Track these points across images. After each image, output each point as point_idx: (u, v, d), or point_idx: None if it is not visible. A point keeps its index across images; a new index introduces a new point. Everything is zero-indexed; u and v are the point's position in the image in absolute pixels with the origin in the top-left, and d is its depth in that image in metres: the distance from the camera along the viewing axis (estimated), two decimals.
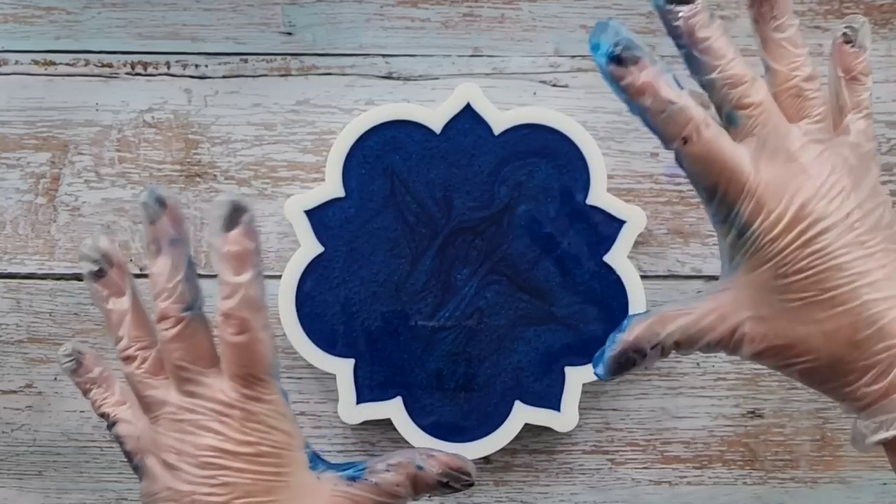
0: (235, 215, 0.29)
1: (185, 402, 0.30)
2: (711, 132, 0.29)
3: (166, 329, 0.30)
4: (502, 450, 0.45)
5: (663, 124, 0.29)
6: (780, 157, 0.29)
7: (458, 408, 0.44)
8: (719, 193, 0.29)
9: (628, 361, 0.30)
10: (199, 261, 0.46)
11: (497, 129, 0.44)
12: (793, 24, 0.30)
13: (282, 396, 0.31)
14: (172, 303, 0.30)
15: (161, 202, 0.30)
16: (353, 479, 0.32)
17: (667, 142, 0.29)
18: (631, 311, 0.44)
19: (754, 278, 0.29)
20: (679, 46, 0.30)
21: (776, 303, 0.29)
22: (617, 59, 0.29)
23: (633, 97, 0.29)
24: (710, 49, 0.29)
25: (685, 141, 0.29)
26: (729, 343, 0.29)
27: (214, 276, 0.46)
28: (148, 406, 0.31)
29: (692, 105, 0.29)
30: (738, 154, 0.29)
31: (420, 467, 0.32)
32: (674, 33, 0.29)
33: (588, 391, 0.46)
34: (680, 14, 0.29)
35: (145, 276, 0.46)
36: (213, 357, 0.31)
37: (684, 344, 0.30)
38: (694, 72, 0.30)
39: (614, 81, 0.29)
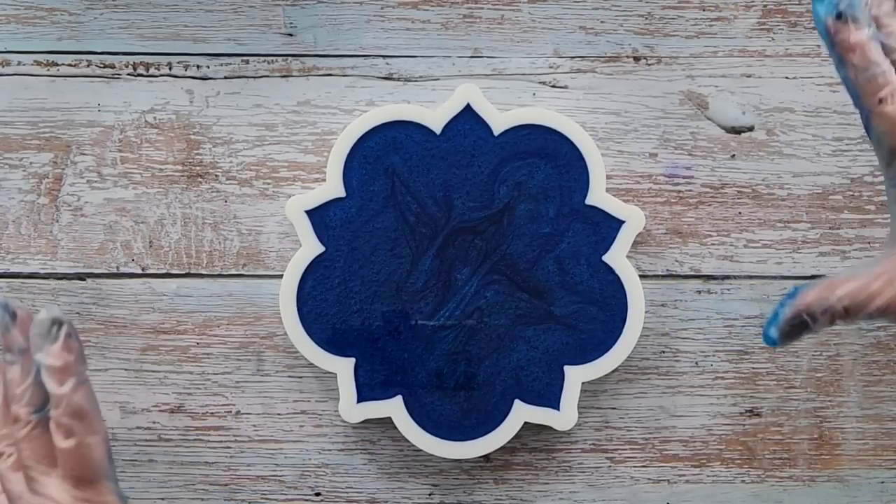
0: (55, 330, 0.32)
1: (32, 499, 0.33)
2: None
3: (19, 430, 0.33)
4: (502, 448, 0.45)
5: (865, 82, 0.31)
6: None
7: (458, 406, 0.44)
8: None
9: (801, 325, 0.31)
10: (200, 260, 0.46)
11: (497, 129, 0.44)
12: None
13: (117, 498, 0.33)
14: (23, 406, 0.33)
15: (12, 314, 0.33)
16: None
17: (864, 98, 0.31)
18: (630, 311, 0.44)
19: None
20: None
21: None
22: (838, 15, 0.31)
23: (843, 52, 0.31)
24: (894, 33, 0.32)
25: (880, 101, 0.30)
26: None
27: (215, 276, 0.46)
28: (9, 497, 0.34)
29: (893, 71, 0.31)
30: None
31: None
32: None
33: (587, 390, 0.46)
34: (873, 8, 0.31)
35: (146, 275, 0.46)
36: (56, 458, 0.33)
37: (853, 309, 0.30)
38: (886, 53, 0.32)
39: (828, 35, 0.31)
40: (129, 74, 0.46)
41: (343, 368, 0.44)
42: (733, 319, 0.46)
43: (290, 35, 0.46)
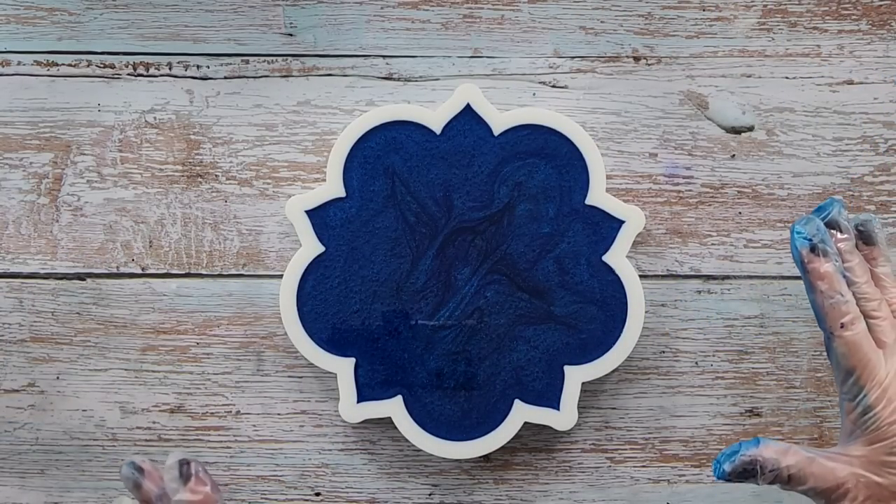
0: (185, 469, 0.35)
1: None
2: (862, 327, 0.36)
3: None
4: (502, 448, 0.45)
5: (829, 309, 0.35)
6: None
7: (458, 406, 0.44)
8: (854, 376, 0.35)
9: (751, 472, 0.35)
10: (200, 260, 0.46)
11: (497, 129, 0.44)
12: (885, 265, 0.38)
13: None
14: None
15: (139, 469, 0.36)
16: None
17: (827, 322, 0.36)
18: (630, 311, 0.44)
19: (869, 451, 0.35)
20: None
21: (884, 474, 0.35)
22: (812, 248, 0.36)
23: (813, 279, 0.36)
24: (852, 269, 0.37)
25: (842, 326, 0.35)
26: (832, 495, 0.35)
27: (215, 276, 0.46)
28: None
29: (853, 302, 0.36)
30: (876, 351, 0.36)
31: None
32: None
33: (587, 390, 0.46)
34: (838, 243, 0.37)
35: (146, 275, 0.46)
36: None
37: (794, 480, 0.35)
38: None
39: (802, 263, 0.36)
40: (129, 74, 0.46)
41: (343, 368, 0.44)
42: (733, 319, 0.46)
43: (290, 35, 0.46)
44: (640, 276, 0.44)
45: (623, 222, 0.44)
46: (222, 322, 0.46)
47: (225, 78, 0.46)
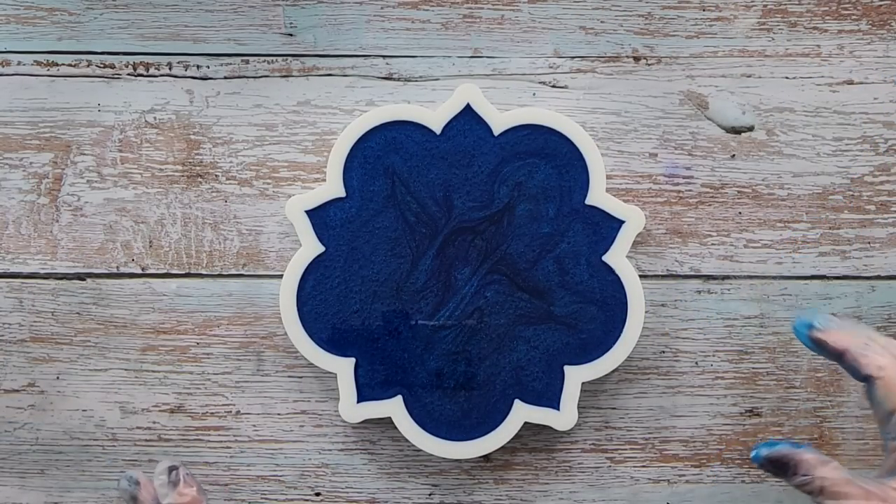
0: (174, 475, 0.38)
1: None
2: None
3: None
4: (502, 448, 0.45)
5: (862, 357, 0.35)
6: None
7: (458, 406, 0.44)
8: None
9: (784, 467, 0.35)
10: (200, 260, 0.46)
11: (497, 129, 0.44)
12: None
13: None
14: None
15: (135, 482, 0.38)
16: None
17: (862, 371, 0.35)
18: (630, 311, 0.44)
19: None
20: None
21: None
22: (816, 330, 0.36)
23: (835, 346, 0.36)
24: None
25: (880, 367, 0.35)
26: None
27: (215, 276, 0.46)
28: None
29: (880, 345, 0.36)
30: None
31: None
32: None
33: (587, 390, 0.46)
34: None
35: (146, 275, 0.46)
36: None
37: (827, 494, 0.34)
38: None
39: (819, 345, 0.36)
40: (129, 74, 0.46)
41: (343, 368, 0.44)
42: (733, 319, 0.46)
43: (290, 35, 0.46)
44: (640, 276, 0.44)
45: (623, 222, 0.44)
46: (222, 322, 0.46)
47: (225, 78, 0.46)
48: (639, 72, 0.46)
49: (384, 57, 0.46)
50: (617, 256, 0.44)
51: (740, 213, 0.46)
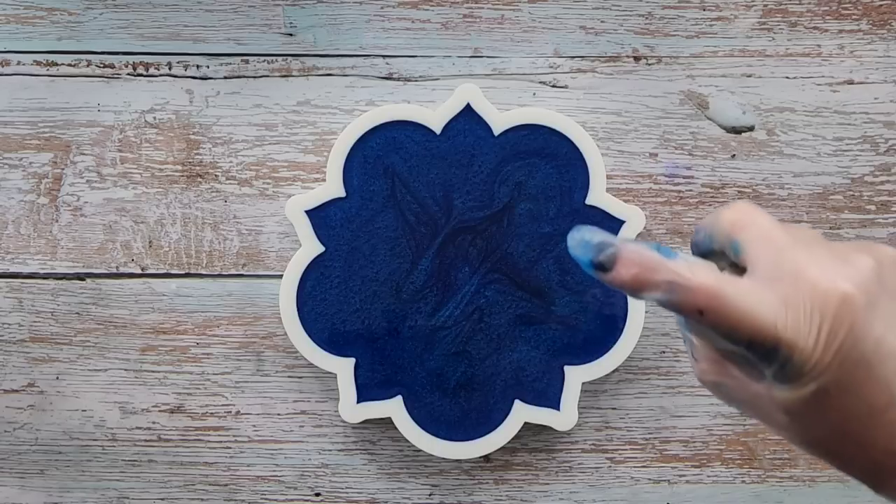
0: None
1: None
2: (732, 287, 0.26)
3: None
4: (502, 448, 0.45)
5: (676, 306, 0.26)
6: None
7: (458, 406, 0.44)
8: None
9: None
10: (200, 260, 0.46)
11: (497, 129, 0.44)
12: None
13: None
14: None
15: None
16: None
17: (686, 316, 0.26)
18: (630, 311, 0.44)
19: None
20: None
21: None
22: (601, 267, 0.26)
23: (636, 295, 0.26)
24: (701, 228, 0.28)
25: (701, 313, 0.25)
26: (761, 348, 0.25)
27: (215, 276, 0.46)
28: None
29: (687, 271, 0.26)
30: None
31: None
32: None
33: (587, 390, 0.46)
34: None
35: (146, 275, 0.46)
36: None
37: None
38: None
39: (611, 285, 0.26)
40: (128, 74, 0.46)
41: (343, 368, 0.44)
42: None
43: (290, 35, 0.46)
44: None
45: (623, 222, 0.44)
46: (222, 322, 0.46)
47: (225, 78, 0.46)
48: (639, 72, 0.46)
49: (384, 57, 0.46)
50: None
51: None
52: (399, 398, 0.44)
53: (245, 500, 0.46)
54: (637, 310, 0.44)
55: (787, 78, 0.46)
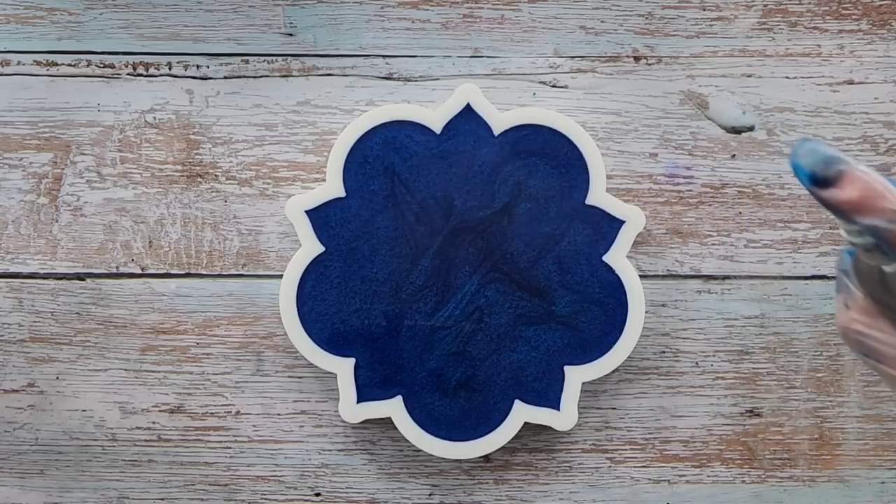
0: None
1: None
2: None
3: None
4: (502, 448, 0.45)
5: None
6: None
7: (458, 406, 0.44)
8: None
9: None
10: (200, 260, 0.46)
11: (497, 129, 0.44)
12: None
13: None
14: None
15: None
16: None
17: None
18: (630, 311, 0.44)
19: None
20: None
21: None
22: (822, 181, 0.25)
23: (852, 217, 0.25)
24: None
25: None
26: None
27: (215, 276, 0.46)
28: None
29: None
30: None
31: None
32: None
33: (587, 390, 0.46)
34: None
35: (146, 275, 0.46)
36: None
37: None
38: None
39: (829, 205, 0.26)
40: (128, 74, 0.46)
41: (343, 368, 0.44)
42: (733, 319, 0.46)
43: (290, 35, 0.46)
44: (641, 276, 0.44)
45: (623, 222, 0.44)
46: (222, 322, 0.46)
47: (225, 78, 0.46)
48: (639, 72, 0.46)
49: (384, 57, 0.46)
50: (617, 256, 0.44)
51: (740, 213, 0.46)
52: (399, 398, 0.44)
53: (245, 500, 0.46)
54: (637, 310, 0.44)
55: (787, 78, 0.46)
